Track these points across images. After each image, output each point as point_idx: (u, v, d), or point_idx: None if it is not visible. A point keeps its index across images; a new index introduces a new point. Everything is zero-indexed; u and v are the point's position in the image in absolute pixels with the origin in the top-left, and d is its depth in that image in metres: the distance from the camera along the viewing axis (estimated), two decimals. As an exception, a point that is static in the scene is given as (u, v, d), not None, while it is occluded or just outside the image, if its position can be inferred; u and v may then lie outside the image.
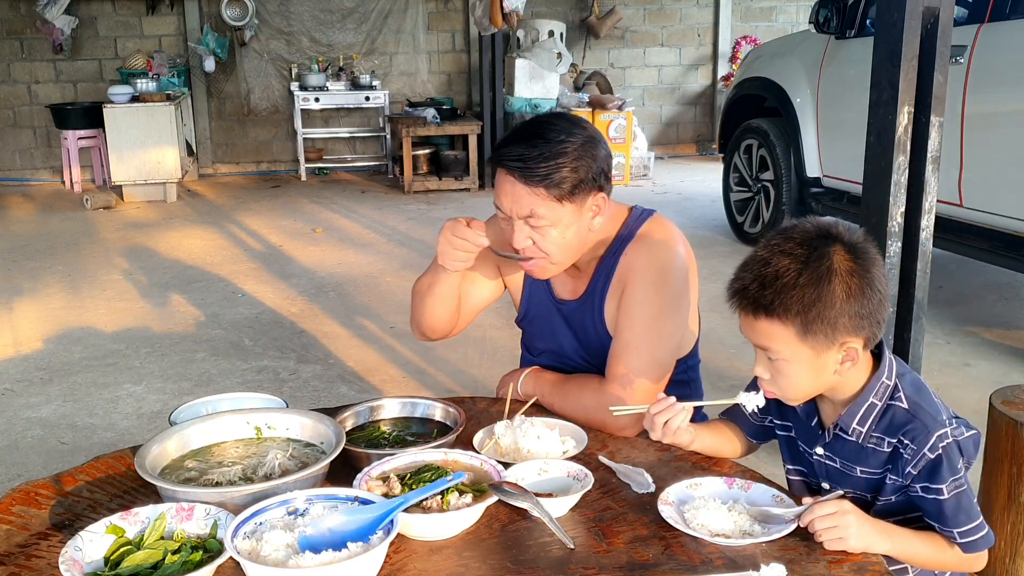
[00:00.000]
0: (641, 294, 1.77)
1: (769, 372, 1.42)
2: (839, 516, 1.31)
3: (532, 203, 1.70)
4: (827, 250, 1.33)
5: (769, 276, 1.34)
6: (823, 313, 1.32)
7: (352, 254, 6.19)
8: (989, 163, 4.16)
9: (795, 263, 1.33)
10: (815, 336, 1.34)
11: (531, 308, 1.98)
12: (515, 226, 1.74)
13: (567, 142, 1.70)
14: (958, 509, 1.38)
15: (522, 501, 1.36)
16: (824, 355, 1.36)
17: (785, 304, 1.32)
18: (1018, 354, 4.12)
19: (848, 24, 5.23)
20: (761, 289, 1.35)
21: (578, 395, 1.77)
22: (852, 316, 1.33)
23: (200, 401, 1.72)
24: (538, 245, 1.75)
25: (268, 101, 9.16)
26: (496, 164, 1.74)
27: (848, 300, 1.32)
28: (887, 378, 1.43)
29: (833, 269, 1.32)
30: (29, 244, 6.57)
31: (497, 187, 1.76)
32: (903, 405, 1.41)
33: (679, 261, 1.81)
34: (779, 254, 1.35)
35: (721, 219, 6.60)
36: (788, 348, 1.36)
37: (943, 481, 1.37)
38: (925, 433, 1.37)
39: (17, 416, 3.64)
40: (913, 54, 2.01)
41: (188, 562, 1.24)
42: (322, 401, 3.69)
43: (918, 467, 1.38)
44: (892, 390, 1.43)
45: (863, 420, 1.43)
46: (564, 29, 8.57)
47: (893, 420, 1.41)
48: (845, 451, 1.47)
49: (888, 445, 1.42)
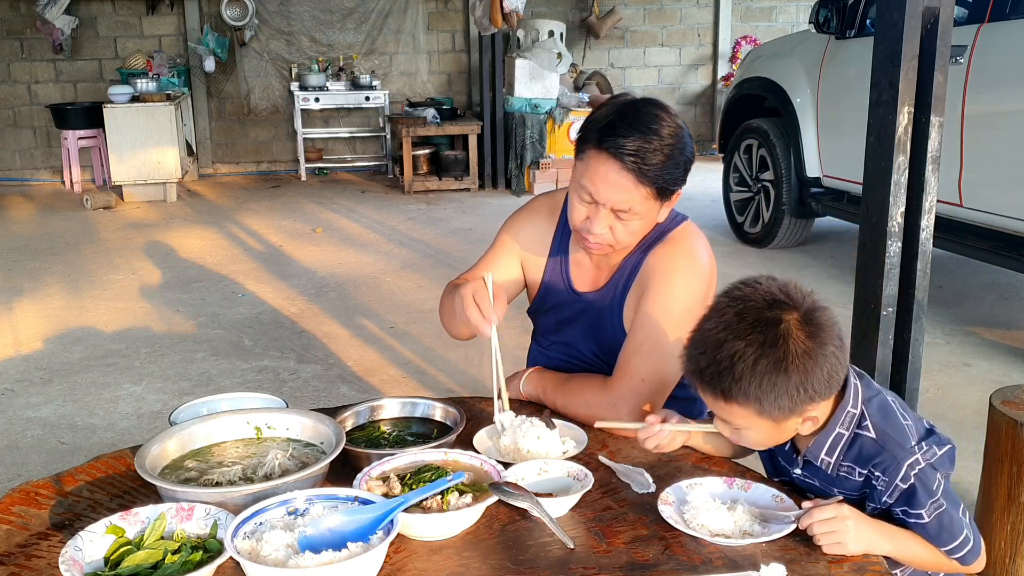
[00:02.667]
0: (662, 298, 1.76)
1: (731, 432, 1.44)
2: (838, 521, 1.31)
3: (633, 199, 1.67)
4: (780, 329, 1.31)
5: (724, 362, 1.32)
6: (779, 400, 1.32)
7: (352, 254, 6.19)
8: (989, 163, 4.16)
9: (750, 347, 1.31)
10: (773, 414, 1.35)
11: (547, 299, 1.96)
12: (600, 214, 1.70)
13: (673, 138, 1.66)
14: (940, 530, 1.38)
15: (522, 501, 1.36)
16: (785, 423, 1.38)
17: (743, 392, 1.32)
18: (1018, 354, 4.12)
19: (848, 24, 5.23)
20: (717, 376, 1.33)
21: (581, 394, 1.76)
22: (809, 391, 1.33)
23: (200, 401, 1.72)
24: (615, 234, 1.72)
25: (268, 101, 9.16)
26: (605, 151, 1.65)
27: (805, 380, 1.31)
28: (852, 407, 1.42)
29: (788, 350, 1.30)
30: (29, 244, 6.57)
31: (594, 172, 1.67)
32: (870, 435, 1.40)
33: (704, 271, 1.80)
34: (732, 336, 1.32)
35: (721, 219, 6.60)
36: (748, 421, 1.38)
37: (921, 506, 1.37)
38: (895, 464, 1.37)
39: (17, 416, 3.64)
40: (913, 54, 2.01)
41: (188, 562, 1.24)
42: (322, 401, 3.69)
43: (893, 496, 1.39)
44: (859, 418, 1.42)
45: (831, 451, 1.43)
46: (564, 29, 8.57)
47: (862, 451, 1.41)
48: (820, 475, 1.48)
49: (859, 475, 1.42)
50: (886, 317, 2.11)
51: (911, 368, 2.13)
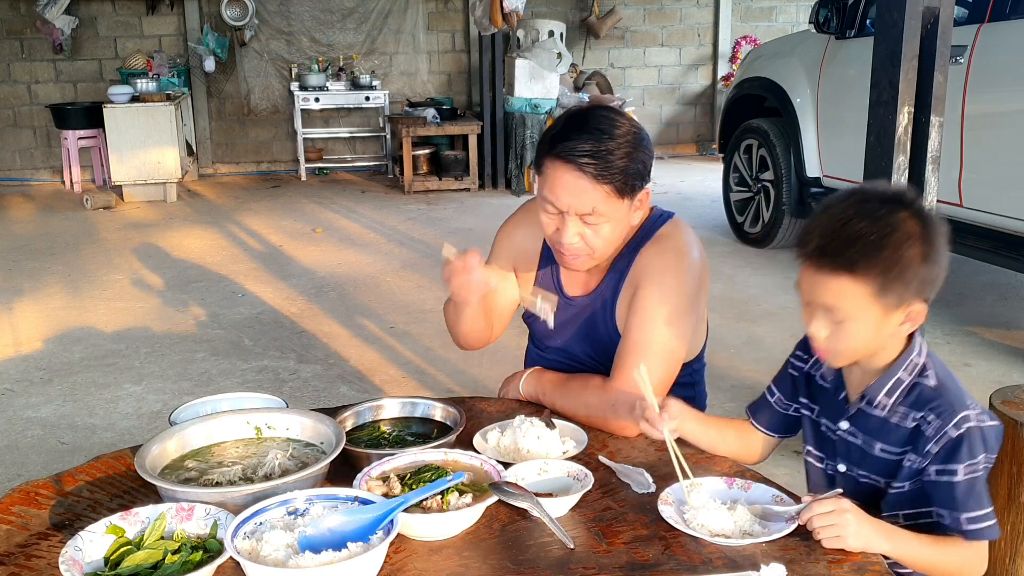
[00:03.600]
0: (654, 296, 1.76)
1: (827, 329, 1.42)
2: (837, 515, 1.31)
3: (595, 200, 1.68)
4: (903, 214, 1.36)
5: (852, 235, 1.35)
6: (902, 274, 1.35)
7: (352, 254, 6.19)
8: (989, 163, 4.16)
9: (877, 225, 1.35)
10: (889, 296, 1.36)
11: None
12: (568, 222, 1.71)
13: (624, 136, 1.68)
14: (970, 493, 1.38)
15: (522, 501, 1.36)
16: (891, 315, 1.39)
17: (869, 263, 1.34)
18: (1018, 354, 4.12)
19: (848, 24, 5.23)
20: (844, 247, 1.36)
21: (580, 394, 1.76)
22: (923, 280, 1.37)
23: (200, 401, 1.72)
24: (587, 241, 1.73)
25: (268, 101, 9.16)
26: (559, 158, 1.68)
27: (923, 264, 1.36)
28: (917, 356, 1.45)
29: (909, 233, 1.35)
30: (29, 244, 6.57)
31: (552, 181, 1.70)
32: (931, 383, 1.43)
33: (695, 266, 1.80)
34: (860, 215, 1.37)
35: (721, 219, 6.60)
36: (858, 307, 1.38)
37: (960, 462, 1.37)
38: (950, 411, 1.39)
39: (17, 416, 3.64)
40: (913, 54, 2.01)
41: (188, 562, 1.24)
42: (322, 401, 3.69)
43: (939, 444, 1.39)
44: (921, 368, 1.45)
45: (890, 392, 1.44)
46: (564, 29, 8.56)
47: (920, 396, 1.43)
48: (868, 426, 1.48)
49: (912, 420, 1.42)
50: (886, 317, 2.10)
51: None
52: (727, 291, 5.11)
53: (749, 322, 4.59)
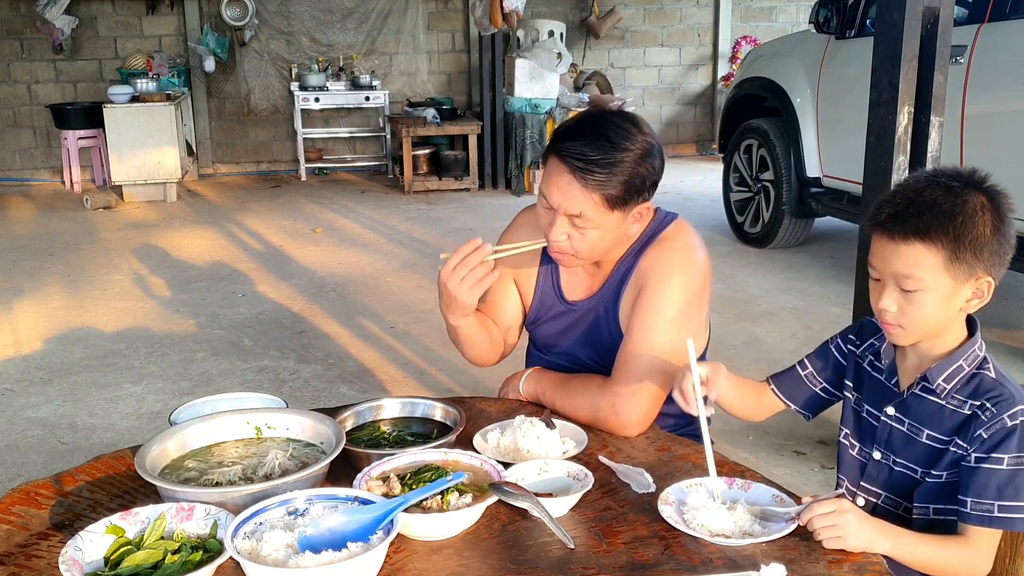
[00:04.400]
0: (658, 297, 1.75)
1: (898, 304, 1.43)
2: (837, 515, 1.31)
3: (583, 204, 1.68)
4: (973, 189, 1.40)
5: (926, 203, 1.39)
6: (974, 243, 1.38)
7: (352, 254, 6.19)
8: (989, 163, 4.12)
9: (950, 195, 1.39)
10: (960, 265, 1.39)
11: (541, 312, 1.96)
12: (556, 220, 1.71)
13: (630, 149, 1.67)
14: (1010, 483, 1.38)
15: (522, 501, 1.36)
16: (961, 287, 1.42)
17: (942, 229, 1.37)
18: (1018, 354, 4.12)
19: (848, 24, 5.23)
20: (919, 214, 1.39)
21: (580, 394, 1.76)
22: (993, 252, 1.41)
23: (200, 401, 1.72)
24: (572, 242, 1.73)
25: (268, 101, 9.16)
26: (555, 155, 1.70)
27: (994, 236, 1.39)
28: (978, 349, 1.47)
29: (980, 205, 1.39)
30: (29, 244, 6.57)
31: (549, 177, 1.72)
32: (991, 374, 1.45)
33: (699, 268, 1.80)
34: (933, 186, 1.41)
35: (721, 219, 6.60)
36: (930, 275, 1.40)
37: (1008, 452, 1.38)
38: (1011, 401, 1.40)
39: (17, 416, 3.64)
40: (913, 54, 2.01)
41: (188, 562, 1.24)
42: (322, 401, 3.70)
43: (991, 431, 1.39)
44: (982, 360, 1.46)
45: (950, 378, 1.45)
46: (564, 29, 8.57)
47: (980, 385, 1.44)
48: (919, 411, 1.48)
49: (969, 408, 1.43)
50: (886, 317, 2.10)
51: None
52: (727, 291, 5.11)
53: (749, 322, 4.59)
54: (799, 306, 4.85)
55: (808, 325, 4.46)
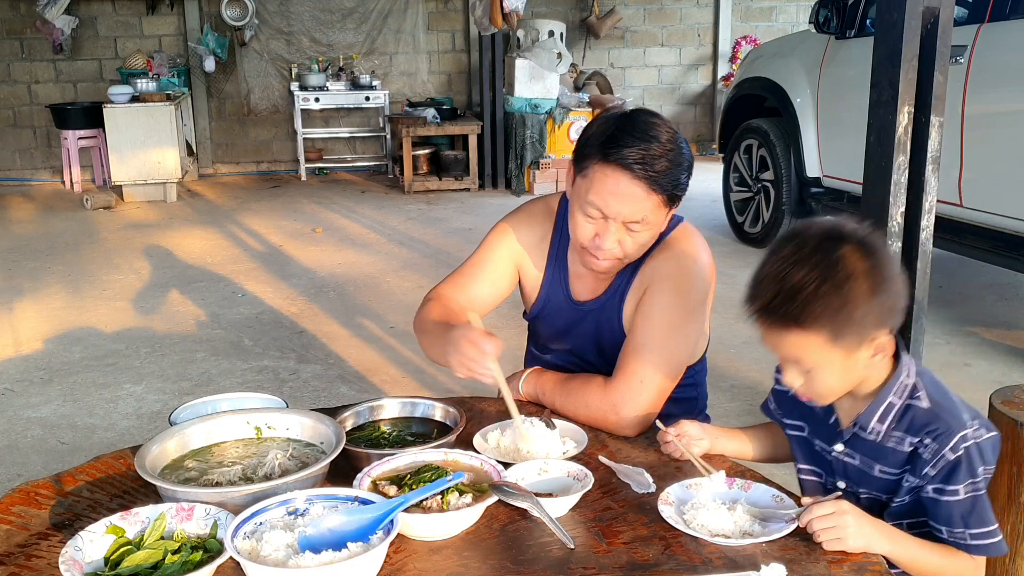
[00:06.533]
0: (662, 299, 1.75)
1: (801, 378, 1.42)
2: (837, 516, 1.31)
3: (645, 208, 1.66)
4: (840, 253, 1.32)
5: (790, 289, 1.33)
6: (851, 315, 1.32)
7: (352, 254, 6.19)
8: (989, 163, 4.16)
9: (813, 271, 1.32)
10: (846, 339, 1.34)
11: (547, 308, 1.95)
12: (611, 228, 1.68)
13: (674, 144, 1.66)
14: (971, 511, 1.37)
15: (522, 501, 1.36)
16: (855, 354, 1.37)
17: (813, 314, 1.32)
18: (1018, 354, 4.12)
19: (848, 24, 5.23)
20: (786, 304, 1.34)
21: (581, 394, 1.76)
22: (877, 312, 1.34)
23: (200, 401, 1.72)
24: (623, 246, 1.71)
25: (268, 101, 9.17)
26: (611, 163, 1.64)
27: (872, 297, 1.32)
28: (906, 377, 1.43)
29: (851, 271, 1.31)
30: (29, 244, 6.57)
31: (600, 185, 1.65)
32: (924, 404, 1.41)
33: (703, 271, 1.80)
34: (794, 265, 1.33)
35: (721, 219, 6.60)
36: (819, 355, 1.37)
37: (960, 483, 1.36)
38: (948, 433, 1.37)
39: (17, 416, 3.64)
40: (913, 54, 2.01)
41: (188, 562, 1.24)
42: (322, 401, 3.69)
43: (937, 467, 1.38)
44: (912, 389, 1.43)
45: (883, 417, 1.43)
46: (564, 29, 8.56)
47: (914, 419, 1.41)
48: (865, 448, 1.47)
49: (909, 444, 1.41)
50: (886, 317, 2.10)
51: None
52: (727, 291, 5.09)
53: (749, 322, 4.59)
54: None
55: (808, 325, 4.45)
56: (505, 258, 1.94)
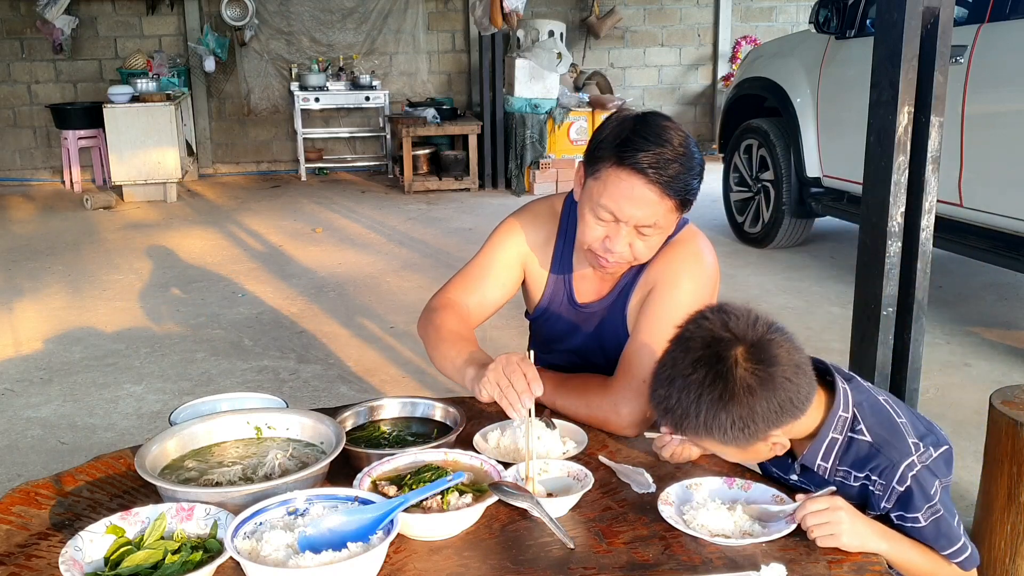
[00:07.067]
0: (666, 300, 1.75)
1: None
2: (831, 512, 1.31)
3: (657, 213, 1.66)
4: (724, 366, 1.30)
5: (676, 412, 1.35)
6: (732, 433, 1.32)
7: (352, 254, 6.19)
8: (989, 163, 4.16)
9: (692, 386, 1.31)
10: (737, 442, 1.35)
11: (550, 310, 1.95)
12: (622, 231, 1.68)
13: (686, 147, 1.66)
14: (938, 535, 1.39)
15: (522, 501, 1.36)
16: (752, 447, 1.38)
17: (694, 428, 1.34)
18: (1018, 354, 4.12)
19: (848, 24, 5.23)
20: (674, 423, 1.37)
21: (581, 393, 1.76)
22: (766, 418, 1.32)
23: (200, 401, 1.72)
24: (633, 250, 1.71)
25: (268, 101, 9.16)
26: (624, 167, 1.63)
27: (752, 411, 1.30)
28: (843, 410, 1.42)
29: (731, 387, 1.29)
30: (29, 244, 6.57)
31: (613, 188, 1.64)
32: (865, 438, 1.41)
33: (708, 273, 1.80)
34: (679, 389, 1.33)
35: (721, 219, 6.61)
36: (716, 448, 1.42)
37: (918, 510, 1.37)
38: (891, 467, 1.37)
39: (17, 416, 3.64)
40: (913, 54, 2.01)
41: (188, 562, 1.24)
42: (322, 401, 3.69)
43: (891, 500, 1.39)
44: (851, 421, 1.42)
45: (826, 456, 1.43)
46: (564, 29, 8.56)
47: (858, 454, 1.41)
48: (816, 481, 1.48)
49: (856, 480, 1.42)
50: (886, 317, 2.11)
51: (911, 368, 2.13)
52: (727, 291, 5.09)
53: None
54: (799, 306, 4.85)
55: (808, 325, 4.45)
56: (511, 258, 1.94)
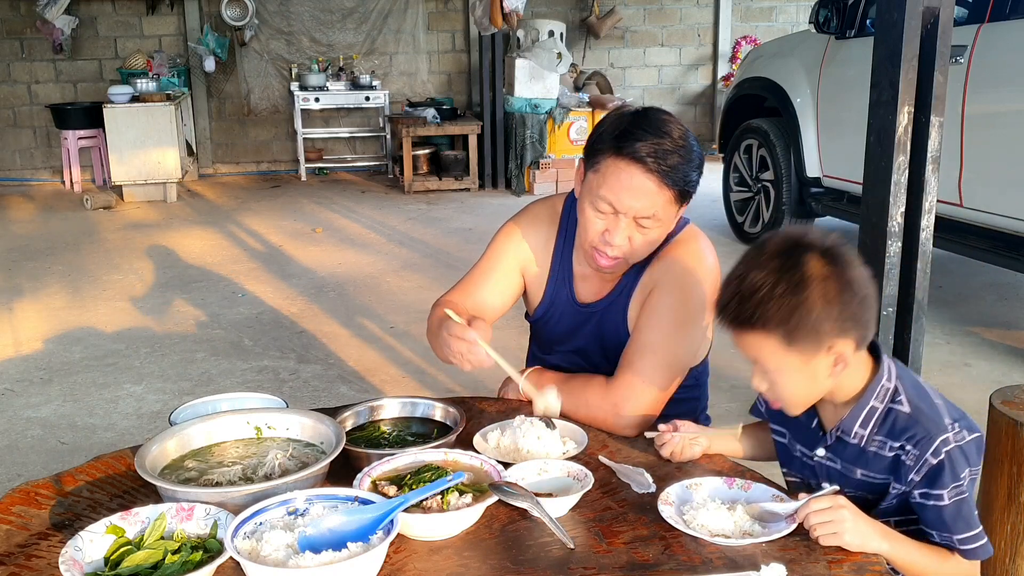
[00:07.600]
0: (667, 300, 1.75)
1: (766, 383, 1.44)
2: (834, 511, 1.31)
3: (656, 204, 1.66)
4: (801, 258, 1.34)
5: (746, 291, 1.36)
6: (803, 320, 1.33)
7: (352, 254, 6.19)
8: (989, 163, 4.16)
9: (770, 275, 1.34)
10: (800, 343, 1.35)
11: (551, 311, 1.95)
12: (621, 223, 1.69)
13: (685, 140, 1.66)
14: (957, 516, 1.38)
15: (522, 501, 1.36)
16: (813, 361, 1.37)
17: (765, 316, 1.34)
18: (1018, 354, 4.12)
19: (848, 24, 5.23)
20: (740, 304, 1.36)
21: (581, 393, 1.76)
22: (834, 320, 1.34)
23: (200, 401, 1.72)
24: (632, 243, 1.71)
25: (268, 101, 9.16)
26: (623, 157, 1.64)
27: (827, 304, 1.33)
28: (887, 381, 1.44)
29: (808, 276, 1.33)
30: (29, 244, 6.57)
31: (612, 179, 1.66)
32: (905, 409, 1.41)
33: (709, 273, 1.80)
34: (754, 268, 1.36)
35: (721, 219, 6.60)
36: (776, 358, 1.38)
37: (944, 487, 1.37)
38: (928, 439, 1.38)
39: (17, 416, 3.64)
40: (913, 54, 2.01)
41: (188, 562, 1.24)
42: (322, 401, 3.69)
43: (921, 472, 1.39)
44: (893, 393, 1.43)
45: (865, 423, 1.43)
46: (564, 29, 8.56)
47: (896, 424, 1.41)
48: (847, 453, 1.47)
49: (891, 450, 1.42)
50: (886, 317, 2.11)
51: (911, 368, 2.13)
52: (727, 291, 5.11)
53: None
54: (799, 306, 4.84)
55: (808, 325, 4.45)
56: (512, 262, 1.94)
